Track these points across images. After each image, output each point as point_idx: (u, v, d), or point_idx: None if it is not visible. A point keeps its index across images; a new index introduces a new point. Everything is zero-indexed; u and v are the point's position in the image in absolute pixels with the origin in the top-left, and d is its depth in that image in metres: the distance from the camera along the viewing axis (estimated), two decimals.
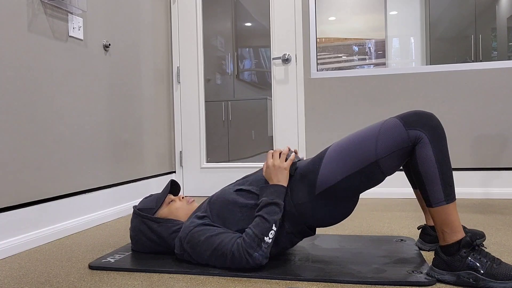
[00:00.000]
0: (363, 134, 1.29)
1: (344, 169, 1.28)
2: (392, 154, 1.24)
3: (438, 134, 1.22)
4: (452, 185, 1.21)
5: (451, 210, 1.20)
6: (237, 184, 1.50)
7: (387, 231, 1.90)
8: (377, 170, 1.26)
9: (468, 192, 2.83)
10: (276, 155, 1.41)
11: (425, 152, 1.21)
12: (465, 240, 1.18)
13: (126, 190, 2.58)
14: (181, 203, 1.58)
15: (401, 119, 1.25)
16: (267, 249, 1.29)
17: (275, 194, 1.33)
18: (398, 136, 1.23)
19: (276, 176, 1.37)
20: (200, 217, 1.43)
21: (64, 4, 2.05)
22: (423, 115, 1.23)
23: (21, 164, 1.81)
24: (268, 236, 1.28)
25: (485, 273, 1.14)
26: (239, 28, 3.39)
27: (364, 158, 1.26)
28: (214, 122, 3.37)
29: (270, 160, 1.40)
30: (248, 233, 1.29)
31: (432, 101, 2.91)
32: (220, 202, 1.43)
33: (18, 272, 1.46)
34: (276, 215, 1.30)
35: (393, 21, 3.40)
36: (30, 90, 1.86)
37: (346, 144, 1.31)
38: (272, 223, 1.29)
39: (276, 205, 1.31)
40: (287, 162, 1.40)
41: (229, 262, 1.31)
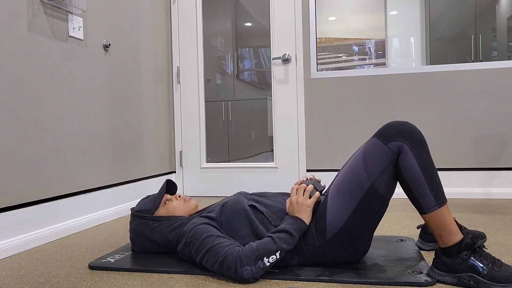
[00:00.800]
0: (352, 165, 1.30)
1: (347, 206, 1.28)
2: (383, 173, 1.24)
3: (416, 139, 1.22)
4: (440, 188, 1.21)
5: (444, 213, 1.20)
6: (253, 199, 1.47)
7: (387, 231, 1.90)
8: (376, 195, 1.25)
9: (468, 192, 2.83)
10: (300, 192, 1.37)
11: (408, 160, 1.21)
12: (466, 242, 1.17)
13: (126, 190, 2.59)
14: (177, 202, 1.58)
15: (378, 135, 1.27)
16: (259, 271, 1.24)
17: (294, 226, 1.31)
18: (381, 153, 1.24)
19: (299, 214, 1.34)
20: (209, 218, 1.42)
21: (64, 4, 2.05)
22: (396, 125, 1.25)
23: (21, 164, 1.81)
24: (267, 259, 1.24)
25: (486, 275, 1.13)
26: (239, 28, 3.39)
27: (360, 187, 1.26)
28: (214, 122, 3.37)
29: (294, 197, 1.37)
30: (250, 245, 1.27)
31: (432, 101, 2.91)
32: (233, 212, 1.42)
33: (18, 272, 1.46)
34: (286, 244, 1.27)
35: (393, 21, 3.40)
36: (30, 90, 1.86)
37: (341, 181, 1.32)
38: (279, 250, 1.26)
39: (291, 236, 1.28)
40: (311, 200, 1.36)
41: (218, 264, 1.27)
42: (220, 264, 1.26)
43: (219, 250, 1.28)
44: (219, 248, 1.29)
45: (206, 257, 1.31)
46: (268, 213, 1.41)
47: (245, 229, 1.39)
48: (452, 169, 2.88)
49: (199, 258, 1.34)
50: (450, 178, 2.87)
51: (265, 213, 1.41)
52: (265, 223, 1.39)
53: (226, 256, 1.25)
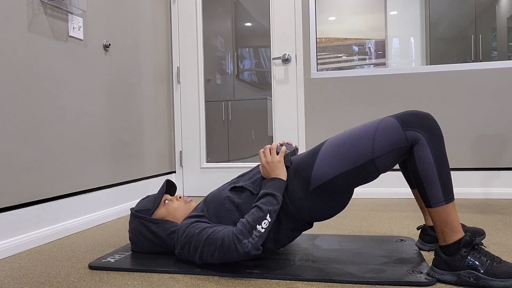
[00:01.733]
0: (360, 132, 1.29)
1: (339, 166, 1.29)
2: (388, 154, 1.24)
3: (435, 134, 1.22)
4: (450, 185, 1.22)
5: (450, 209, 1.21)
6: (232, 183, 1.50)
7: (387, 231, 1.90)
8: (372, 168, 1.26)
9: (468, 192, 2.83)
10: (267, 152, 1.42)
11: (424, 153, 1.21)
12: (464, 240, 1.18)
13: (126, 190, 2.59)
14: (178, 203, 1.58)
15: (399, 119, 1.24)
16: (258, 239, 1.25)
17: (272, 187, 1.33)
18: (396, 137, 1.23)
19: (273, 171, 1.38)
20: (197, 216, 1.43)
21: (64, 4, 2.05)
22: (421, 115, 1.23)
23: (21, 164, 1.81)
24: (260, 225, 1.26)
25: (485, 271, 1.14)
26: (239, 28, 3.39)
27: (360, 156, 1.26)
28: (214, 122, 3.37)
29: (263, 159, 1.41)
30: (241, 221, 1.29)
31: (432, 101, 2.91)
32: (217, 202, 1.43)
33: (18, 272, 1.46)
34: (271, 206, 1.29)
35: (393, 21, 3.40)
36: (30, 90, 1.86)
37: (342, 140, 1.31)
38: (267, 213, 1.28)
39: (272, 196, 1.31)
40: (279, 154, 1.40)
41: (218, 250, 1.28)
42: (220, 249, 1.28)
43: (215, 237, 1.30)
44: (214, 236, 1.30)
45: (205, 249, 1.31)
46: (248, 184, 1.43)
47: (234, 213, 1.40)
48: (452, 169, 2.88)
49: (198, 255, 1.34)
50: None
51: (245, 185, 1.43)
52: (249, 197, 1.41)
53: (223, 239, 1.27)
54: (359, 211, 2.42)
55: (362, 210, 2.47)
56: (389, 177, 2.90)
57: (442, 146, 1.22)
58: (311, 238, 1.76)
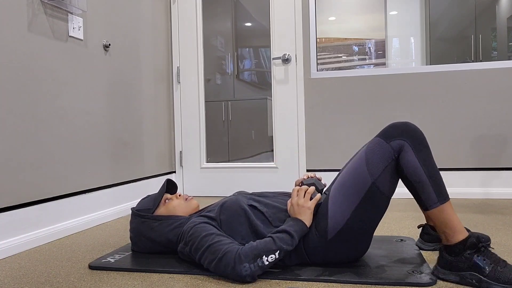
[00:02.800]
0: (354, 163, 1.32)
1: (349, 204, 1.28)
2: (385, 171, 1.26)
3: (417, 138, 1.25)
4: (442, 185, 1.23)
5: (447, 209, 1.21)
6: (253, 199, 1.47)
7: (387, 231, 1.90)
8: (378, 193, 1.26)
9: (468, 192, 2.83)
10: (301, 194, 1.38)
11: (409, 158, 1.24)
12: (470, 241, 1.18)
13: (126, 190, 2.59)
14: (178, 201, 1.57)
15: (381, 135, 1.30)
16: (258, 269, 1.23)
17: (295, 228, 1.31)
18: (383, 151, 1.26)
19: (300, 216, 1.35)
20: (209, 217, 1.42)
21: (64, 4, 2.05)
22: (398, 125, 1.28)
23: (21, 164, 1.81)
24: (267, 258, 1.24)
25: (488, 275, 1.13)
26: (239, 28, 3.39)
27: (362, 185, 1.27)
28: (214, 122, 3.37)
29: (295, 199, 1.37)
30: (250, 244, 1.27)
31: (432, 101, 2.91)
32: (232, 211, 1.41)
33: (18, 272, 1.46)
34: (286, 244, 1.27)
35: (393, 21, 3.40)
36: (30, 90, 1.86)
37: (343, 180, 1.33)
38: (278, 249, 1.25)
39: (291, 237, 1.28)
40: (312, 202, 1.36)
41: (216, 261, 1.26)
42: (218, 261, 1.26)
43: (219, 248, 1.28)
44: (218, 245, 1.28)
45: (206, 254, 1.30)
46: (268, 213, 1.41)
47: (245, 229, 1.39)
48: (452, 169, 2.88)
49: (198, 256, 1.33)
50: (450, 178, 2.87)
51: (265, 213, 1.41)
52: (264, 223, 1.39)
53: (226, 253, 1.25)
54: None
55: None
56: None
57: (426, 148, 1.25)
58: None
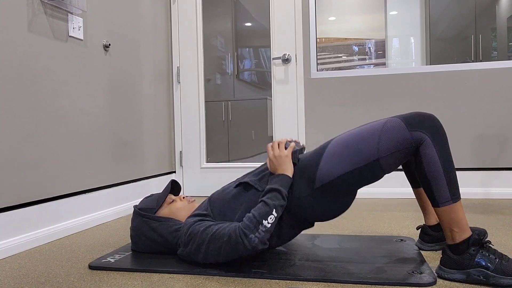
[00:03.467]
0: (365, 132, 1.30)
1: (344, 165, 1.29)
2: (394, 154, 1.25)
3: (440, 135, 1.24)
4: (457, 184, 1.23)
5: (457, 208, 1.22)
6: (238, 180, 1.51)
7: (387, 231, 1.90)
8: (377, 168, 1.27)
9: (468, 192, 2.83)
10: (276, 146, 1.42)
11: (429, 153, 1.23)
12: (473, 238, 1.19)
13: (126, 190, 2.58)
14: (182, 203, 1.58)
15: (404, 119, 1.26)
16: (264, 233, 1.26)
17: (279, 183, 1.34)
18: (401, 137, 1.24)
19: (280, 166, 1.38)
20: (201, 215, 1.43)
21: (64, 4, 2.05)
22: (425, 116, 1.25)
23: (21, 164, 1.81)
24: (267, 220, 1.26)
25: (495, 269, 1.15)
26: (239, 28, 3.39)
27: (365, 156, 1.27)
28: (214, 122, 3.37)
29: (271, 152, 1.41)
30: (247, 216, 1.29)
31: (432, 101, 2.91)
32: (221, 200, 1.44)
33: (18, 272, 1.46)
34: (277, 200, 1.29)
35: (393, 21, 3.40)
36: (30, 90, 1.86)
37: (347, 140, 1.32)
38: (273, 208, 1.28)
39: (278, 192, 1.31)
40: (288, 150, 1.40)
41: (224, 246, 1.28)
42: (226, 245, 1.28)
43: (221, 234, 1.30)
44: (220, 232, 1.30)
45: (211, 247, 1.31)
46: (253, 181, 1.43)
47: (239, 212, 1.40)
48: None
49: (202, 253, 1.34)
50: None
51: (251, 182, 1.42)
52: (254, 194, 1.41)
53: (230, 235, 1.27)
54: (359, 211, 2.42)
55: (362, 210, 2.47)
56: (389, 177, 2.90)
57: (446, 146, 1.24)
58: (311, 238, 1.76)
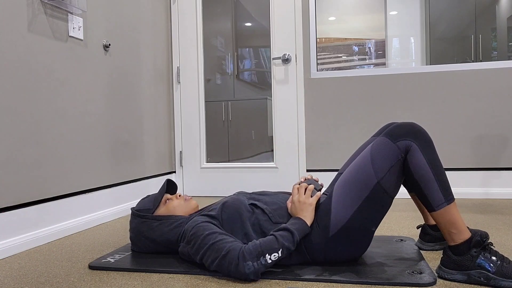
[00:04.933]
0: (358, 162, 1.32)
1: (352, 202, 1.29)
2: (390, 171, 1.26)
3: (424, 139, 1.25)
4: (448, 186, 1.24)
5: (453, 210, 1.22)
6: (253, 198, 1.48)
7: (387, 231, 1.90)
8: (381, 193, 1.27)
9: (468, 192, 2.83)
10: (302, 191, 1.39)
11: (416, 158, 1.24)
12: (475, 240, 1.19)
13: (126, 190, 2.59)
14: (178, 201, 1.58)
15: (387, 135, 1.29)
16: (261, 267, 1.24)
17: (296, 226, 1.31)
18: (390, 151, 1.26)
19: (302, 212, 1.35)
20: (210, 216, 1.42)
21: (64, 4, 2.05)
22: (405, 125, 1.28)
23: (21, 164, 1.81)
24: (269, 256, 1.24)
25: (496, 272, 1.15)
26: (239, 28, 3.39)
27: (366, 184, 1.27)
28: (214, 122, 3.37)
29: (296, 196, 1.38)
30: (254, 242, 1.27)
31: (432, 101, 2.91)
32: (234, 210, 1.42)
33: (18, 272, 1.46)
34: (288, 242, 1.27)
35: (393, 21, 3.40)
36: (30, 90, 1.86)
37: (347, 178, 1.33)
38: (281, 247, 1.25)
39: (292, 235, 1.28)
40: (313, 198, 1.37)
41: (220, 259, 1.26)
42: (222, 259, 1.26)
43: (222, 246, 1.28)
44: (222, 243, 1.28)
45: (208, 252, 1.30)
46: (269, 209, 1.41)
47: (246, 228, 1.39)
48: (452, 169, 2.88)
49: (200, 255, 1.33)
50: (450, 178, 2.87)
51: (266, 210, 1.41)
52: (266, 221, 1.40)
53: (229, 251, 1.25)
54: None
55: None
56: None
57: (432, 148, 1.26)
58: None
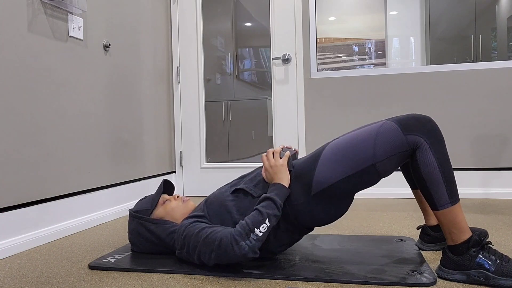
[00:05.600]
0: (360, 136, 1.29)
1: (341, 171, 1.28)
2: (390, 158, 1.24)
3: (436, 137, 1.22)
4: (455, 186, 1.23)
5: (457, 210, 1.21)
6: (233, 184, 1.49)
7: (387, 231, 1.90)
8: (373, 173, 1.27)
9: (468, 192, 2.83)
10: (270, 156, 1.41)
11: (426, 157, 1.21)
12: (474, 239, 1.19)
13: (126, 190, 2.59)
14: (176, 202, 1.58)
15: (399, 123, 1.24)
16: (255, 242, 1.25)
17: (274, 192, 1.33)
18: (397, 141, 1.23)
19: (276, 175, 1.37)
20: (198, 216, 1.43)
21: (64, 4, 2.05)
22: (421, 119, 1.24)
23: (21, 164, 1.81)
24: (259, 229, 1.25)
25: (495, 271, 1.15)
26: (239, 28, 3.39)
27: (361, 161, 1.26)
28: (214, 122, 3.37)
29: (266, 162, 1.40)
30: (240, 223, 1.29)
31: (432, 101, 2.91)
32: (218, 204, 1.43)
33: (18, 272, 1.46)
34: (271, 210, 1.28)
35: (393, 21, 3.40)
36: (30, 90, 1.86)
37: (342, 145, 1.31)
38: (266, 217, 1.27)
39: (273, 202, 1.30)
40: (283, 158, 1.39)
41: (215, 250, 1.27)
42: (217, 249, 1.27)
43: (213, 237, 1.29)
44: (212, 236, 1.30)
45: (203, 249, 1.31)
46: (249, 187, 1.42)
47: (234, 216, 1.40)
48: (453, 169, 2.87)
49: (196, 254, 1.34)
50: None
51: (246, 188, 1.42)
52: (249, 200, 1.40)
53: (222, 239, 1.26)
54: (359, 211, 2.42)
55: (362, 210, 2.47)
56: (389, 177, 2.90)
57: (443, 148, 1.23)
58: (311, 238, 1.76)
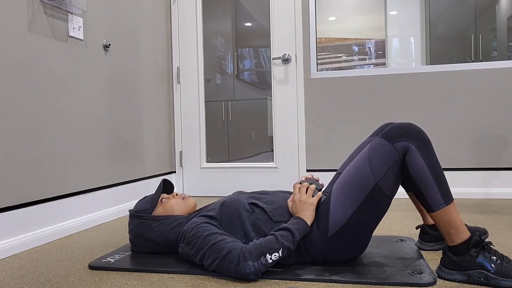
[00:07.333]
0: (357, 163, 1.31)
1: (351, 204, 1.29)
2: (388, 172, 1.25)
3: (422, 139, 1.25)
4: (447, 186, 1.23)
5: (452, 210, 1.21)
6: (253, 197, 1.48)
7: (387, 231, 1.90)
8: (380, 194, 1.27)
9: (468, 192, 2.83)
10: (303, 190, 1.39)
11: (415, 159, 1.23)
12: (475, 240, 1.19)
13: (126, 190, 2.59)
14: (175, 200, 1.58)
15: (383, 136, 1.28)
16: (261, 267, 1.24)
17: (296, 226, 1.31)
18: (387, 152, 1.25)
19: (302, 211, 1.35)
20: (210, 217, 1.42)
21: (64, 4, 2.05)
22: (403, 126, 1.27)
23: (21, 164, 1.81)
24: (270, 256, 1.24)
25: (495, 271, 1.15)
26: (239, 28, 3.39)
27: (364, 186, 1.27)
28: (214, 122, 3.37)
29: (297, 196, 1.38)
30: (254, 242, 1.27)
31: (432, 101, 2.91)
32: (233, 210, 1.42)
33: (18, 272, 1.46)
34: (288, 242, 1.27)
35: (393, 21, 3.40)
36: (30, 90, 1.86)
37: (345, 179, 1.32)
38: (281, 247, 1.26)
39: (292, 235, 1.28)
40: (314, 198, 1.37)
41: (220, 259, 1.26)
42: (222, 259, 1.26)
43: (223, 246, 1.28)
44: (222, 244, 1.28)
45: (208, 253, 1.30)
46: (269, 208, 1.41)
47: (246, 227, 1.39)
48: (452, 169, 2.88)
49: (199, 256, 1.33)
50: (450, 178, 2.87)
51: (266, 209, 1.41)
52: (266, 220, 1.39)
53: (230, 251, 1.25)
54: None
55: None
56: None
57: (431, 149, 1.25)
58: None
